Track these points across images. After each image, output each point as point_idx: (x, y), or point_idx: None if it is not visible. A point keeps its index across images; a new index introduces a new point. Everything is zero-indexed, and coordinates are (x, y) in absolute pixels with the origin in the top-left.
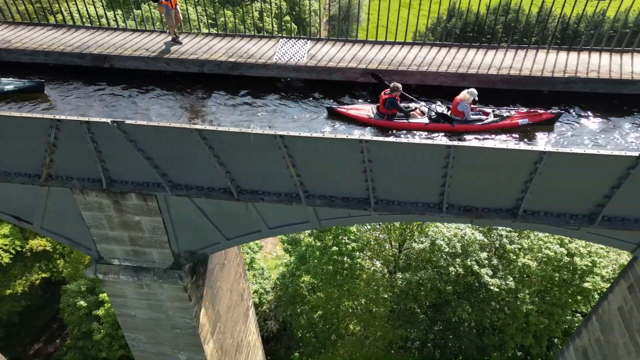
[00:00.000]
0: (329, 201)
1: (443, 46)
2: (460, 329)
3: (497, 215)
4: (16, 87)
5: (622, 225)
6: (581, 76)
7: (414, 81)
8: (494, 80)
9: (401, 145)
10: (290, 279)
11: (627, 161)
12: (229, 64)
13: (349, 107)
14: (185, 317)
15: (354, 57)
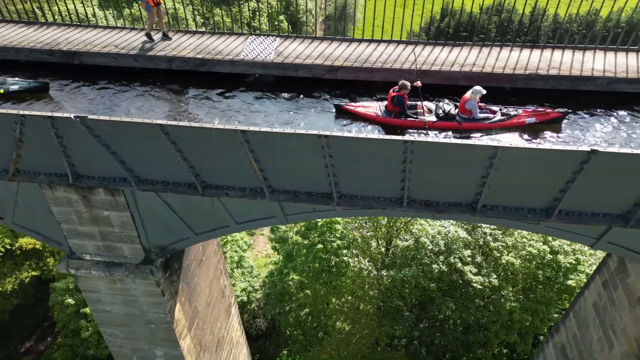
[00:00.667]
0: (293, 196)
1: (409, 44)
2: (445, 327)
3: (456, 209)
4: (21, 87)
5: (579, 219)
6: (542, 73)
7: (379, 78)
8: (457, 77)
9: (360, 140)
10: (278, 277)
11: (579, 156)
12: (197, 61)
13: (357, 105)
14: (160, 312)
15: (320, 54)
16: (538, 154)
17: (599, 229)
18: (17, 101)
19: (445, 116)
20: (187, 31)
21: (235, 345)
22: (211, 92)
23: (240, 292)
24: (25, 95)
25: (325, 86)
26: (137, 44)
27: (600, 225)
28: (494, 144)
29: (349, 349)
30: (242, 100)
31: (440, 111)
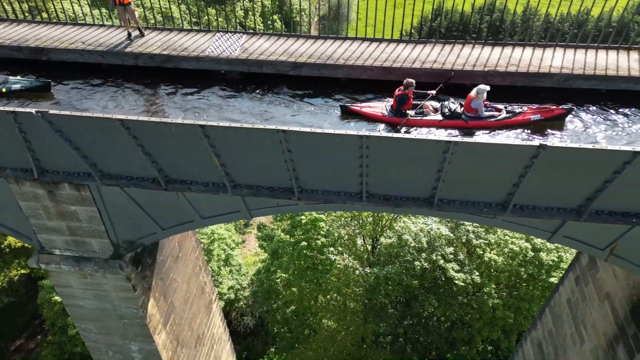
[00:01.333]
0: (255, 191)
1: (373, 41)
2: (429, 324)
3: (414, 204)
4: (23, 86)
5: (533, 213)
6: (500, 70)
7: (342, 74)
8: (418, 74)
9: (316, 135)
10: (265, 275)
11: (529, 150)
12: (163, 57)
13: (363, 105)
14: (132, 307)
15: (285, 50)
16: (489, 148)
17: (554, 223)
18: (19, 100)
19: (451, 115)
20: (155, 28)
21: (218, 342)
22: (180, 89)
23: (227, 290)
24: (27, 93)
25: (290, 82)
26: (104, 40)
27: (555, 219)
28: (445, 139)
29: (335, 346)
30: (211, 96)
31: (446, 110)
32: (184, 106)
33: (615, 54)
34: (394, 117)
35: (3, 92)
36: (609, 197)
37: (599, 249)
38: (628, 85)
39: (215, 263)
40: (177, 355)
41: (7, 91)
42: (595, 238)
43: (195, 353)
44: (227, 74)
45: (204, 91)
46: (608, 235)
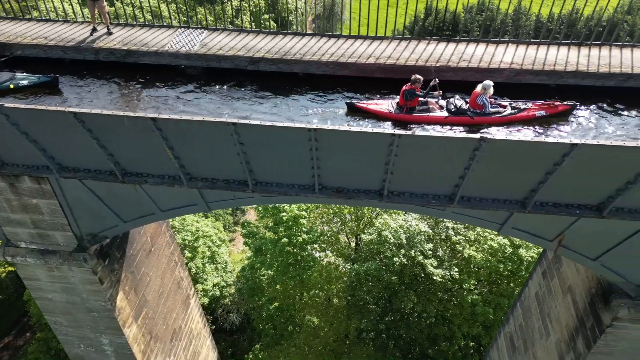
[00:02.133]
0: (211, 183)
1: (332, 37)
2: (410, 320)
3: (365, 196)
4: (31, 82)
5: (480, 205)
6: (452, 65)
7: (299, 69)
8: (372, 69)
9: (266, 128)
10: (250, 272)
11: (471, 143)
12: (123, 52)
13: (369, 102)
14: (100, 300)
15: (244, 46)
16: (433, 141)
17: (502, 215)
18: (27, 96)
19: (457, 111)
20: (118, 24)
21: (196, 337)
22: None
23: (211, 287)
24: (34, 89)
25: (251, 78)
26: (68, 36)
27: (503, 211)
28: (390, 131)
29: (317, 342)
30: (173, 91)
31: (452, 106)
32: (147, 101)
33: (567, 49)
34: (401, 114)
35: (11, 88)
36: (552, 189)
37: (548, 240)
38: (576, 80)
39: (199, 260)
40: (150, 349)
41: (15, 87)
42: (544, 230)
43: (171, 347)
44: (187, 69)
45: (166, 86)
46: (556, 227)
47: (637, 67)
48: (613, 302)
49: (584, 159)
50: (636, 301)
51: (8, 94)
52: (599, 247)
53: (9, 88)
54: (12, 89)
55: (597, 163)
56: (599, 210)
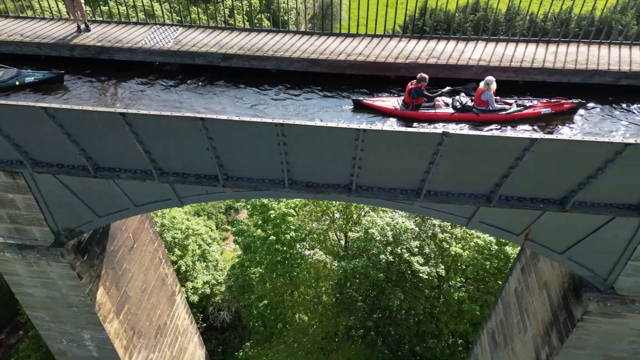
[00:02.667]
0: (182, 178)
1: (305, 34)
2: (397, 317)
3: (335, 190)
4: (36, 78)
5: (446, 199)
6: (421, 62)
7: (271, 66)
8: (343, 66)
9: (234, 123)
10: (240, 270)
11: (433, 138)
12: (97, 48)
13: (375, 99)
14: (79, 295)
15: (217, 42)
16: (397, 136)
17: (469, 209)
18: (33, 92)
19: (463, 108)
20: (94, 20)
21: (183, 334)
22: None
23: (201, 285)
24: (40, 86)
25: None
26: (43, 32)
27: (470, 205)
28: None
29: (306, 339)
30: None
31: (457, 103)
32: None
33: (534, 47)
34: (406, 111)
35: (17, 85)
36: (516, 183)
37: (515, 234)
38: (542, 77)
39: (189, 258)
40: (133, 345)
41: (21, 84)
42: (511, 224)
43: (155, 343)
44: (164, 65)
45: (143, 83)
46: (522, 221)
47: (603, 64)
48: (583, 296)
49: (545, 153)
50: (605, 295)
51: (14, 91)
52: (565, 240)
53: (15, 85)
54: (18, 86)
55: (558, 157)
56: (562, 204)
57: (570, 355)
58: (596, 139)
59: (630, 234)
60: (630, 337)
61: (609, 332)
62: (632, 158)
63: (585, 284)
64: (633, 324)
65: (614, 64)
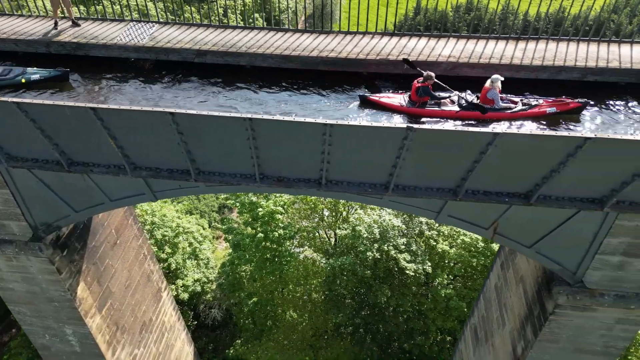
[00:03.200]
0: (155, 172)
1: (279, 30)
2: (385, 314)
3: (305, 184)
4: (42, 76)
5: (414, 193)
6: (391, 59)
7: (245, 62)
8: (316, 62)
9: (203, 117)
10: (230, 267)
11: (399, 133)
12: (73, 45)
13: (381, 96)
14: (59, 290)
15: (192, 39)
16: (363, 131)
17: (438, 203)
18: (38, 90)
19: (468, 106)
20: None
21: (170, 330)
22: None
23: (192, 283)
24: (45, 83)
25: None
26: (20, 29)
27: (438, 199)
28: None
29: (295, 337)
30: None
31: (463, 101)
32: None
33: (504, 43)
34: (412, 108)
35: (23, 82)
36: (481, 178)
37: (484, 228)
38: (510, 73)
39: (180, 256)
40: (116, 340)
41: (27, 81)
42: (479, 217)
43: (140, 339)
44: (141, 62)
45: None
46: (490, 215)
47: (570, 60)
48: (553, 289)
49: (508, 147)
50: (574, 288)
51: (20, 89)
52: (533, 234)
53: (21, 82)
54: (23, 83)
55: (521, 152)
56: (527, 197)
57: (544, 348)
58: (556, 134)
59: (596, 228)
60: (601, 331)
61: (580, 326)
62: (592, 152)
63: (556, 277)
64: (603, 318)
65: (581, 61)
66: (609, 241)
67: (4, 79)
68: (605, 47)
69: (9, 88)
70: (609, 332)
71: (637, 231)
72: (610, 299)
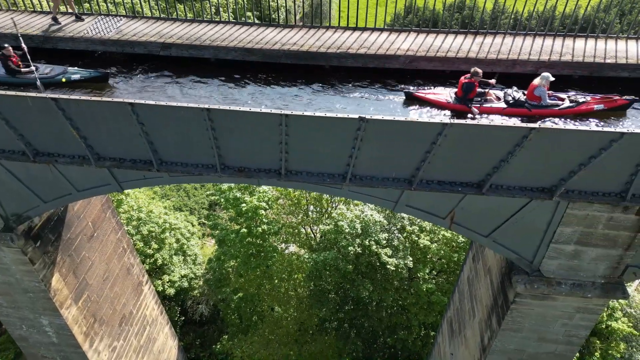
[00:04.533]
0: (119, 163)
1: (244, 24)
2: (368, 309)
3: (266, 175)
4: (82, 76)
5: (371, 183)
6: (351, 52)
7: (209, 55)
8: (278, 55)
9: (162, 107)
10: (216, 263)
11: (352, 123)
12: (41, 38)
13: (428, 92)
14: (33, 281)
15: (158, 32)
16: (319, 121)
17: (395, 193)
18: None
19: (515, 103)
20: (41, 11)
21: (152, 324)
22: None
23: (178, 279)
24: (86, 83)
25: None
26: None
27: (394, 189)
28: (278, 112)
29: (280, 331)
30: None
31: (510, 98)
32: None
33: (462, 38)
34: (459, 104)
35: (63, 81)
36: (434, 167)
37: (441, 217)
38: (466, 67)
39: (166, 252)
40: (94, 331)
41: (67, 81)
42: (436, 207)
43: (120, 332)
44: (111, 55)
45: None
46: (446, 205)
47: (524, 54)
48: (513, 278)
49: (458, 137)
50: (532, 277)
51: (61, 87)
52: (489, 223)
53: (61, 81)
54: (64, 82)
55: (471, 142)
56: (479, 187)
57: (508, 337)
58: (502, 124)
59: (548, 217)
60: (562, 320)
61: (541, 314)
62: (538, 142)
63: (516, 267)
64: (562, 307)
65: (535, 54)
66: (562, 230)
67: (46, 77)
68: (559, 42)
69: (52, 86)
70: (570, 321)
71: (588, 220)
72: (567, 288)
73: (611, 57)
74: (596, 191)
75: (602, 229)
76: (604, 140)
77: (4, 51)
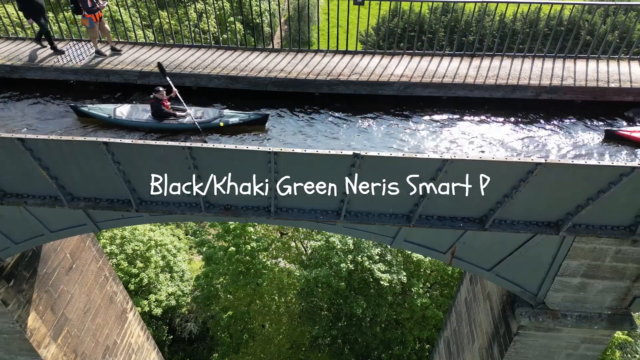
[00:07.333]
0: (94, 203)
1: (227, 49)
2: (362, 324)
3: (254, 212)
4: (241, 119)
5: (367, 219)
6: (342, 79)
7: (190, 83)
8: (264, 83)
9: (138, 146)
10: (204, 280)
11: (347, 159)
12: (7, 68)
13: (633, 130)
14: (7, 323)
15: (134, 59)
16: (309, 158)
17: (392, 229)
18: (238, 134)
19: None
20: (8, 37)
21: (137, 351)
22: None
23: (165, 297)
24: (244, 127)
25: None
26: None
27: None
28: (265, 149)
29: (272, 349)
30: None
31: None
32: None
33: (459, 61)
34: None
35: (221, 126)
36: (434, 203)
37: (441, 252)
38: (464, 92)
39: (152, 270)
40: None
41: (225, 125)
42: (436, 242)
43: None
44: (78, 84)
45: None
46: (447, 239)
47: (523, 78)
48: (516, 310)
49: (459, 173)
50: (536, 310)
51: (218, 132)
52: (491, 257)
53: (219, 126)
54: (221, 127)
55: (473, 178)
56: (482, 223)
57: None
58: (506, 159)
59: (554, 250)
60: (567, 350)
61: (546, 346)
62: (544, 177)
63: (518, 298)
64: (567, 337)
65: (535, 79)
66: (568, 263)
67: (203, 122)
68: (560, 64)
69: (210, 131)
70: (575, 351)
71: (595, 253)
72: (573, 320)
73: (614, 80)
74: (604, 225)
75: (609, 262)
76: (614, 174)
77: (157, 95)
